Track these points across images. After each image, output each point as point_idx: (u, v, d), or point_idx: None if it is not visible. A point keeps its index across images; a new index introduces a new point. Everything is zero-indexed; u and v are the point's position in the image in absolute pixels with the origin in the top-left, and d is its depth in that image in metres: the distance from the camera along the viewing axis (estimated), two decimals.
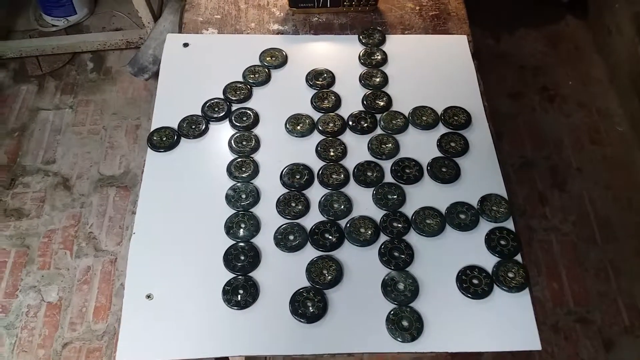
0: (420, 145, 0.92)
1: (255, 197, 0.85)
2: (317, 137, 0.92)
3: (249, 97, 0.97)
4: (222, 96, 0.97)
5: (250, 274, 0.78)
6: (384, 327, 0.74)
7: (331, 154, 0.90)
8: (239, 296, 0.75)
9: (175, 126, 0.93)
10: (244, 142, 0.91)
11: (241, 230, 0.81)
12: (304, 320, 0.74)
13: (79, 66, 2.11)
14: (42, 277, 1.60)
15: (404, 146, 0.91)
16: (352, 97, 0.98)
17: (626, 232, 1.68)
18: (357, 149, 0.91)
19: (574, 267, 1.61)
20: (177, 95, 0.97)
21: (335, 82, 1.00)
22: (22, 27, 2.22)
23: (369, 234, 0.81)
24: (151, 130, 0.92)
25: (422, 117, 0.94)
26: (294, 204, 0.84)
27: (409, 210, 0.84)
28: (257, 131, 0.93)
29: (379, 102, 0.96)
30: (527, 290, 0.77)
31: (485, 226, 0.83)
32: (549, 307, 1.55)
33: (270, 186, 0.87)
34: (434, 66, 1.02)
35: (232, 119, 0.94)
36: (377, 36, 1.06)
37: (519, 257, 0.80)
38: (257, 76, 1.00)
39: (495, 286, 0.77)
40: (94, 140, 1.90)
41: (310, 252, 0.80)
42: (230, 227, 0.82)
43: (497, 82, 2.04)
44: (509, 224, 0.83)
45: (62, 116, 1.96)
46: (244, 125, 0.93)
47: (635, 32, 1.85)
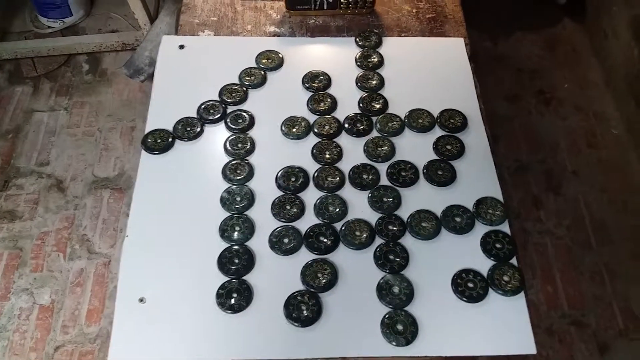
0: (416, 148, 0.91)
1: (250, 199, 0.84)
2: (312, 140, 0.92)
3: (244, 99, 0.97)
4: (217, 98, 0.97)
5: (244, 278, 0.77)
6: (378, 330, 0.73)
7: (327, 156, 0.89)
8: (233, 300, 0.75)
9: (170, 128, 0.92)
10: (239, 145, 0.91)
11: (236, 233, 0.81)
12: (298, 324, 0.73)
13: (75, 68, 2.10)
14: (34, 279, 1.59)
15: (400, 149, 0.91)
16: (348, 100, 0.97)
17: (621, 235, 1.68)
18: (353, 151, 0.91)
19: (569, 270, 1.61)
20: (172, 97, 0.97)
21: (331, 84, 0.99)
22: (17, 28, 2.21)
23: (364, 237, 0.81)
24: (146, 132, 0.92)
25: (418, 120, 0.94)
26: (288, 207, 0.84)
27: (405, 213, 0.84)
28: (252, 133, 0.93)
29: (375, 105, 0.96)
30: (522, 294, 0.76)
31: (480, 229, 0.82)
32: (544, 310, 1.54)
33: (265, 189, 0.86)
34: (430, 69, 1.02)
35: (228, 121, 0.94)
36: (373, 39, 1.05)
37: (514, 261, 0.79)
38: (253, 78, 0.99)
39: (490, 290, 0.77)
40: (89, 142, 1.89)
41: (305, 255, 0.79)
42: (224, 230, 0.81)
43: (494, 85, 2.04)
44: (505, 227, 0.83)
45: (57, 118, 1.95)
46: (240, 127, 0.93)
47: (631, 35, 1.86)
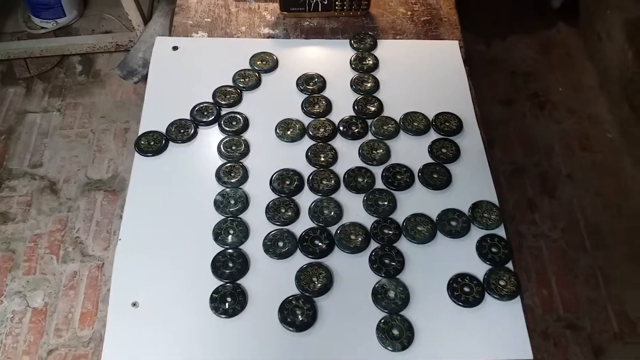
0: (411, 151, 0.91)
1: (244, 202, 0.83)
2: (307, 143, 0.91)
3: (238, 101, 0.96)
4: (211, 100, 0.96)
5: (238, 282, 0.76)
6: (374, 335, 0.72)
7: (321, 159, 0.89)
8: (227, 304, 0.74)
9: (163, 130, 0.91)
10: (234, 147, 0.90)
11: (230, 236, 0.80)
12: (293, 328, 0.73)
13: (68, 69, 2.08)
14: (27, 282, 1.57)
15: (395, 152, 0.91)
16: (343, 102, 0.97)
17: (616, 238, 1.68)
18: (348, 154, 0.90)
19: (564, 273, 1.61)
20: (165, 99, 0.96)
21: (326, 86, 0.99)
22: (10, 29, 2.19)
23: (360, 240, 0.80)
24: (139, 134, 0.91)
25: (414, 123, 0.94)
26: (283, 210, 0.83)
27: (400, 216, 0.83)
28: (246, 136, 0.92)
29: (370, 108, 0.95)
30: (518, 298, 0.76)
31: (476, 233, 0.82)
32: (539, 314, 1.54)
33: (259, 192, 0.85)
34: (425, 72, 1.02)
35: (222, 123, 0.93)
36: (368, 41, 1.05)
37: (510, 265, 0.79)
38: (247, 80, 0.99)
39: (486, 294, 0.76)
40: (82, 143, 1.87)
41: (299, 259, 0.79)
42: (218, 234, 0.80)
43: (488, 88, 2.04)
44: (500, 231, 0.82)
45: (50, 119, 1.94)
46: (234, 129, 0.92)
47: (625, 38, 1.86)
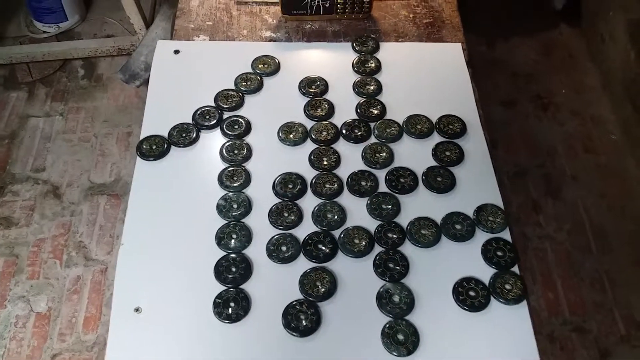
0: (414, 154, 0.90)
1: (246, 207, 0.83)
2: (310, 146, 0.91)
3: (240, 104, 0.96)
4: (213, 104, 0.95)
5: (241, 287, 0.76)
6: (379, 340, 0.72)
7: (324, 163, 0.88)
8: (230, 309, 0.73)
9: (165, 134, 0.91)
10: (236, 151, 0.89)
11: (232, 241, 0.80)
12: (297, 334, 0.72)
13: (70, 73, 2.09)
14: (31, 287, 1.57)
15: (399, 155, 0.90)
16: (345, 105, 0.96)
17: (621, 240, 1.67)
18: (351, 158, 0.90)
19: (569, 276, 1.60)
20: (167, 103, 0.96)
21: (328, 90, 0.98)
22: (12, 33, 2.20)
23: (363, 244, 0.79)
24: (140, 138, 0.91)
25: (417, 126, 0.93)
26: (286, 214, 0.82)
27: (404, 220, 0.82)
28: (249, 140, 0.92)
29: (373, 111, 0.95)
30: (524, 302, 0.75)
31: (481, 237, 0.81)
32: (545, 317, 1.53)
33: (262, 196, 0.85)
34: (428, 74, 1.01)
35: (224, 127, 0.92)
36: (370, 44, 1.04)
37: (516, 269, 0.78)
38: (249, 84, 0.98)
39: (492, 298, 0.75)
40: (85, 147, 1.87)
41: (303, 264, 0.78)
42: (221, 238, 0.80)
43: (491, 90, 2.04)
44: (506, 235, 0.81)
45: (53, 123, 1.94)
46: (236, 133, 0.92)
47: (628, 39, 1.85)
